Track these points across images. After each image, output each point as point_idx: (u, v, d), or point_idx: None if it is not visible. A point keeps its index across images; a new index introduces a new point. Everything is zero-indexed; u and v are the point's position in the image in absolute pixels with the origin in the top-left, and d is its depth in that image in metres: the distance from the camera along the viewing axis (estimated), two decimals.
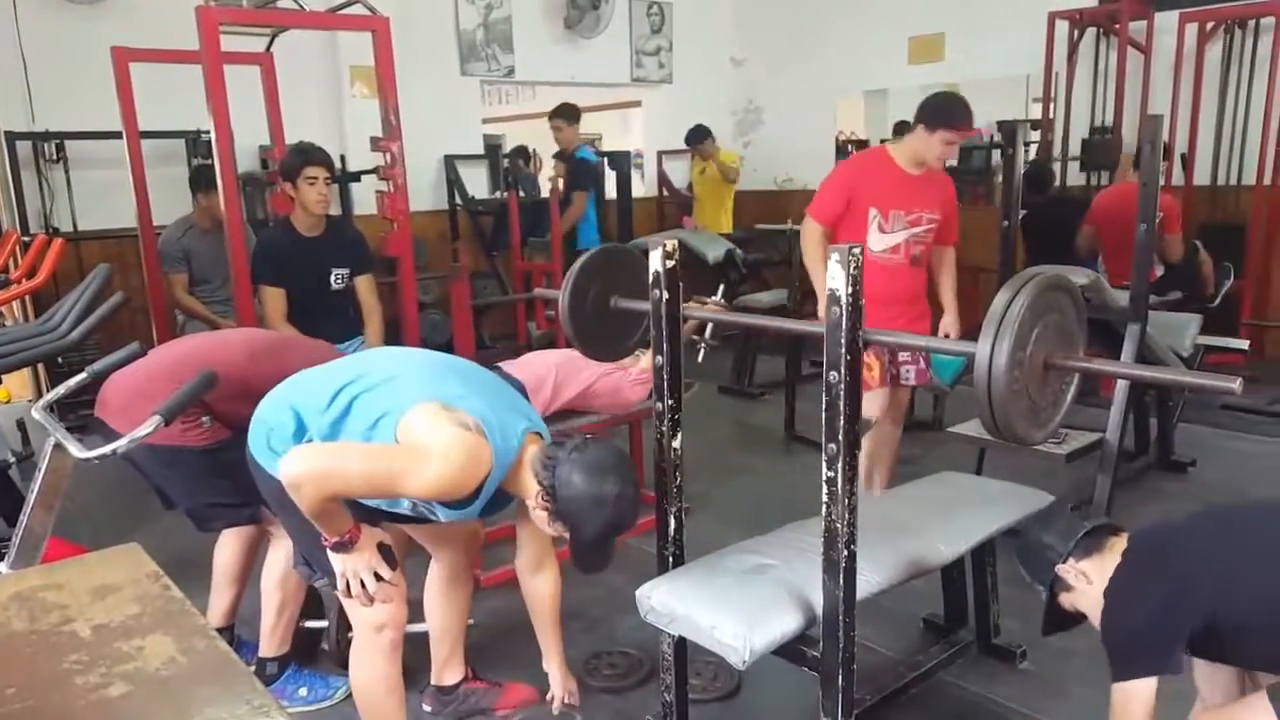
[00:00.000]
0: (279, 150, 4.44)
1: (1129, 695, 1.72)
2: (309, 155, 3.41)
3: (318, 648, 2.70)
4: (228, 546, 2.56)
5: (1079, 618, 1.93)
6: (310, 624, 2.68)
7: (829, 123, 8.06)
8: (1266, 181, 5.51)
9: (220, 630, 2.58)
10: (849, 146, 8.73)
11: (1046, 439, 1.56)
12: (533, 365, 3.19)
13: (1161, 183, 5.16)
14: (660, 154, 8.01)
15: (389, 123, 3.71)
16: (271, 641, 2.47)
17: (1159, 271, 4.82)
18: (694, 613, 1.90)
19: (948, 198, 3.30)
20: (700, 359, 4.30)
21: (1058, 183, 6.14)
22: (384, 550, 1.95)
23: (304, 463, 1.75)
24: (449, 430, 1.72)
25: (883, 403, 3.19)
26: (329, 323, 3.51)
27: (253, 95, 4.46)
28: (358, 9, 3.96)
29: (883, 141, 5.83)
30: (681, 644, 2.11)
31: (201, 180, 4.47)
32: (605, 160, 6.87)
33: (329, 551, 1.89)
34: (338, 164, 5.71)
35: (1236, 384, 1.28)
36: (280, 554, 2.40)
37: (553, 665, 2.25)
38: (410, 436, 1.76)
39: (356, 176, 5.79)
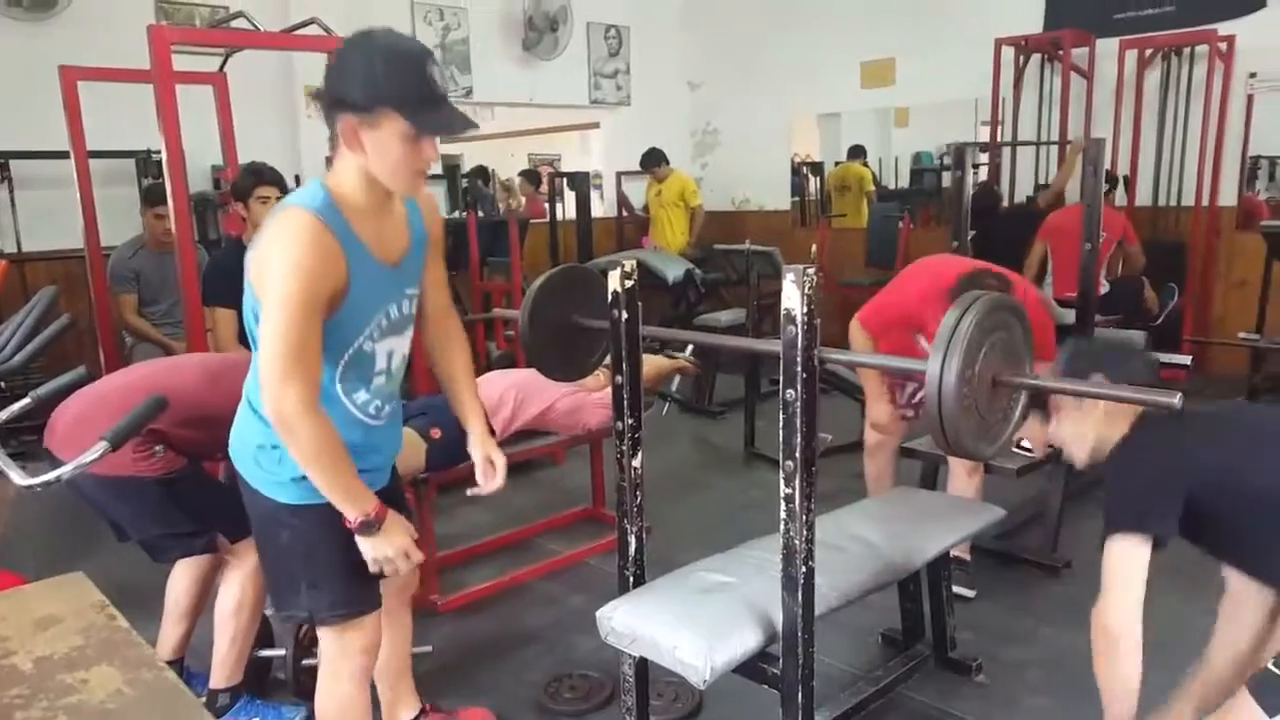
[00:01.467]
0: (232, 170, 4.39)
1: (1120, 553, 1.75)
2: (261, 175, 3.38)
3: (269, 677, 2.65)
4: (181, 578, 2.51)
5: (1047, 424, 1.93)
6: (265, 653, 2.63)
7: (784, 145, 8.19)
8: (1205, 203, 5.69)
9: (170, 663, 2.52)
10: (804, 169, 8.88)
11: (997, 453, 1.59)
12: (492, 385, 3.19)
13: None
14: (619, 175, 8.07)
15: None
16: (223, 672, 2.41)
17: (1104, 288, 4.98)
18: (655, 633, 1.90)
19: None
20: (664, 413, 4.32)
21: (1006, 203, 6.31)
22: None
23: (269, 384, 1.61)
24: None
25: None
26: None
27: (206, 114, 4.41)
28: (313, 29, 3.95)
29: None
30: (643, 665, 2.11)
31: (151, 200, 4.41)
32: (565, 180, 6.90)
33: (357, 537, 1.72)
34: (292, 184, 5.67)
35: (1176, 399, 1.32)
36: (235, 584, 2.36)
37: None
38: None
39: None
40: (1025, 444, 3.09)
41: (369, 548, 1.73)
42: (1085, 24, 5.92)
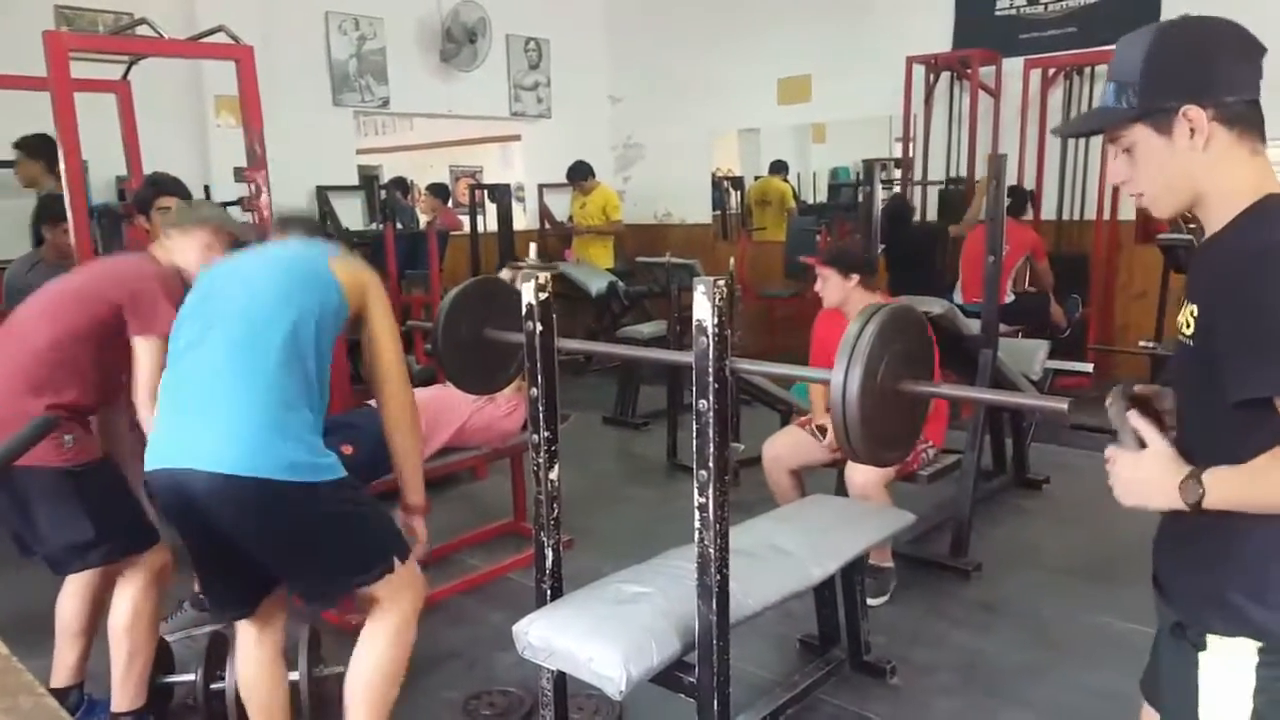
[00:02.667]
0: (136, 181, 4.24)
1: None
2: (162, 186, 3.28)
3: (170, 703, 2.55)
4: (71, 596, 2.40)
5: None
6: (170, 679, 2.54)
7: (705, 159, 8.29)
8: (1106, 217, 5.95)
9: (69, 688, 2.41)
10: (725, 183, 9.00)
11: (900, 460, 1.63)
12: None
13: (1021, 218, 5.59)
14: (541, 187, 8.05)
15: (254, 153, 3.61)
16: (124, 694, 2.32)
17: (1009, 299, 5.18)
18: (571, 646, 1.89)
19: None
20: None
21: (917, 218, 6.50)
22: None
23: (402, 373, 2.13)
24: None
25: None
26: None
27: (111, 124, 4.26)
28: (220, 37, 3.85)
29: None
30: (561, 678, 2.10)
31: (49, 213, 4.23)
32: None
33: (410, 521, 2.19)
34: (201, 195, 5.50)
35: (1065, 405, 1.38)
36: (127, 598, 2.27)
37: None
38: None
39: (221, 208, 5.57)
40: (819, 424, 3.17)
41: (423, 528, 2.21)
42: (992, 44, 6.15)
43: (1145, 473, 1.24)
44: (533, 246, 4.28)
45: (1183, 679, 1.29)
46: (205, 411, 1.89)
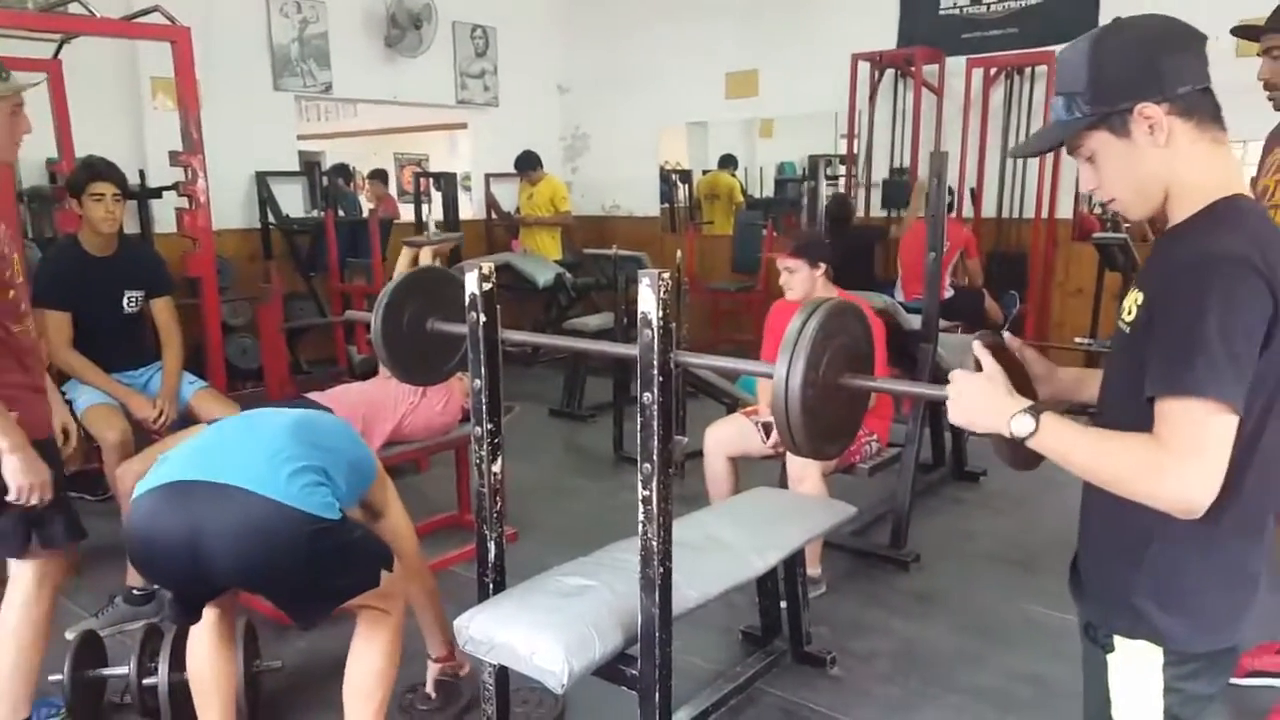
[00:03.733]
0: (67, 164, 4.10)
1: (1201, 422, 1.12)
2: (95, 170, 3.16)
3: (102, 698, 2.49)
4: None
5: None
6: (104, 672, 2.47)
7: (654, 152, 8.29)
8: (1044, 215, 6.09)
9: None
10: (673, 176, 9.01)
11: (840, 453, 1.65)
12: (339, 405, 3.06)
13: (954, 215, 5.71)
14: (488, 176, 7.97)
15: (190, 136, 3.52)
16: (7, 703, 2.21)
17: (948, 294, 5.28)
18: (513, 639, 1.88)
19: None
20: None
21: (861, 213, 6.59)
22: None
23: None
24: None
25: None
26: (120, 349, 3.27)
27: (40, 104, 4.11)
28: (156, 17, 3.74)
29: None
30: (503, 672, 2.08)
31: None
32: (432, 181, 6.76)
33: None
34: (136, 179, 5.35)
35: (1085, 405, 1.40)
36: (14, 605, 2.19)
37: None
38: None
39: (156, 193, 5.42)
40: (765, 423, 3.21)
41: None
42: (936, 42, 6.24)
43: (977, 390, 1.28)
44: (432, 221, 4.17)
45: (1096, 680, 1.33)
46: (243, 445, 1.97)
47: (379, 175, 8.54)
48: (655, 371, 1.77)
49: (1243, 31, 2.28)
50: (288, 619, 2.17)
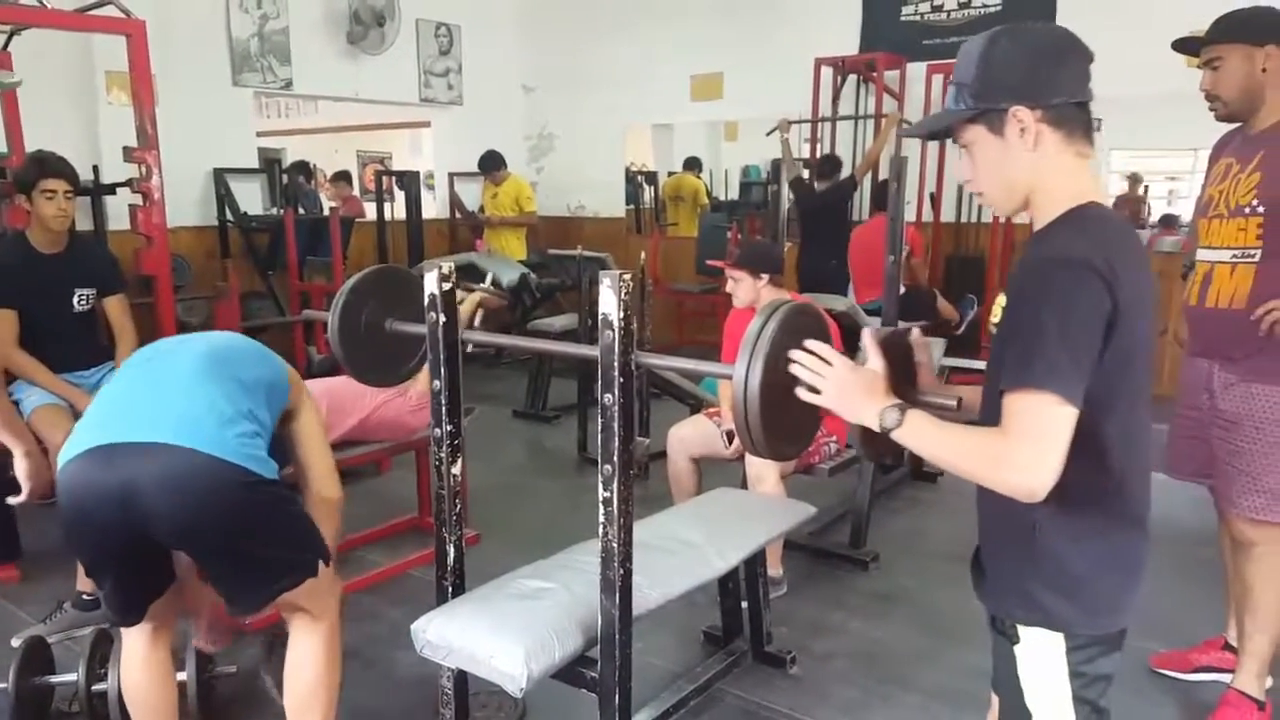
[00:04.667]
0: (17, 159, 4.00)
1: (1038, 414, 1.18)
2: (45, 166, 3.09)
3: (50, 705, 2.43)
4: None
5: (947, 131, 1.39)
6: (54, 679, 2.42)
7: (619, 153, 8.29)
8: (1002, 219, 6.17)
9: None
10: (639, 177, 9.03)
11: (798, 454, 1.66)
12: None
13: (913, 219, 5.78)
14: (452, 175, 7.92)
15: (145, 132, 3.45)
16: None
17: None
18: (471, 644, 1.87)
19: None
20: (468, 350, 4.22)
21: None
22: None
23: None
24: None
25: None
26: (71, 348, 3.19)
27: None
28: (110, 10, 3.66)
29: None
30: (462, 676, 2.07)
31: None
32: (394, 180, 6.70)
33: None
34: (90, 175, 5.24)
35: (954, 402, 1.43)
36: None
37: None
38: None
39: (110, 189, 5.32)
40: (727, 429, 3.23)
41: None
42: (897, 48, 6.31)
43: (858, 381, 1.35)
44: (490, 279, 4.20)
45: (1007, 671, 1.38)
46: (166, 398, 1.87)
47: (343, 176, 8.46)
48: (616, 373, 1.77)
49: (1182, 45, 2.31)
50: (228, 615, 2.12)
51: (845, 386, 1.36)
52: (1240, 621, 2.40)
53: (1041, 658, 1.34)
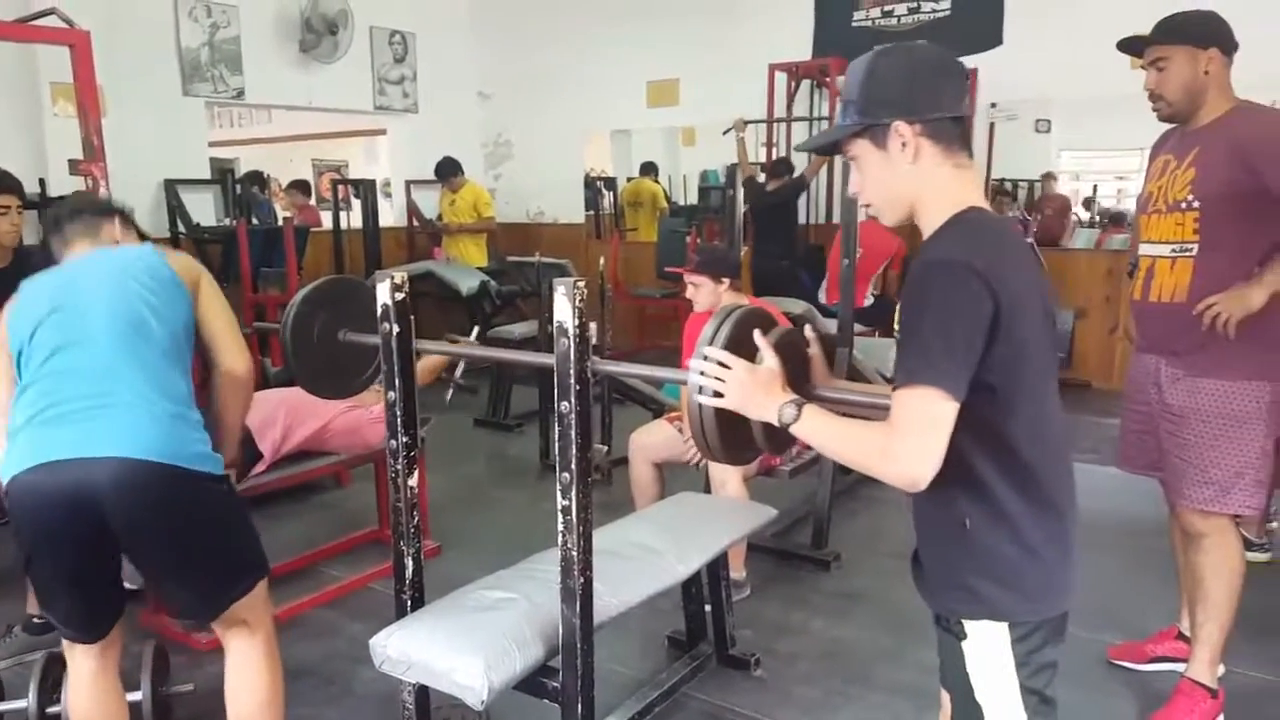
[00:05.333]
0: None
1: (917, 407, 1.24)
2: None
3: None
4: None
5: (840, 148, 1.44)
6: (3, 706, 2.35)
7: (578, 159, 8.28)
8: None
9: None
10: (598, 183, 9.02)
11: (754, 459, 1.67)
12: (261, 404, 2.99)
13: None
14: (409, 183, 7.86)
15: (91, 144, 3.37)
16: None
17: (868, 301, 5.39)
18: (430, 657, 1.85)
19: None
20: (449, 398, 4.26)
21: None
22: None
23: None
24: None
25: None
26: None
27: None
28: (52, 20, 3.58)
29: None
30: (422, 691, 2.04)
31: None
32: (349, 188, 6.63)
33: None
34: (37, 189, 5.13)
35: (848, 395, 1.48)
36: None
37: None
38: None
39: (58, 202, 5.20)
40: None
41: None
42: (849, 53, 6.26)
43: (751, 379, 1.40)
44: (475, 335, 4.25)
45: (955, 667, 1.42)
46: (102, 403, 1.81)
47: (299, 185, 8.35)
48: (572, 380, 1.77)
49: (1126, 45, 2.36)
50: (181, 629, 2.08)
51: (745, 387, 1.40)
52: (1192, 611, 2.45)
53: (988, 650, 1.37)
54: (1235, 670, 2.55)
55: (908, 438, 1.25)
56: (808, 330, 1.61)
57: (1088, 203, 8.23)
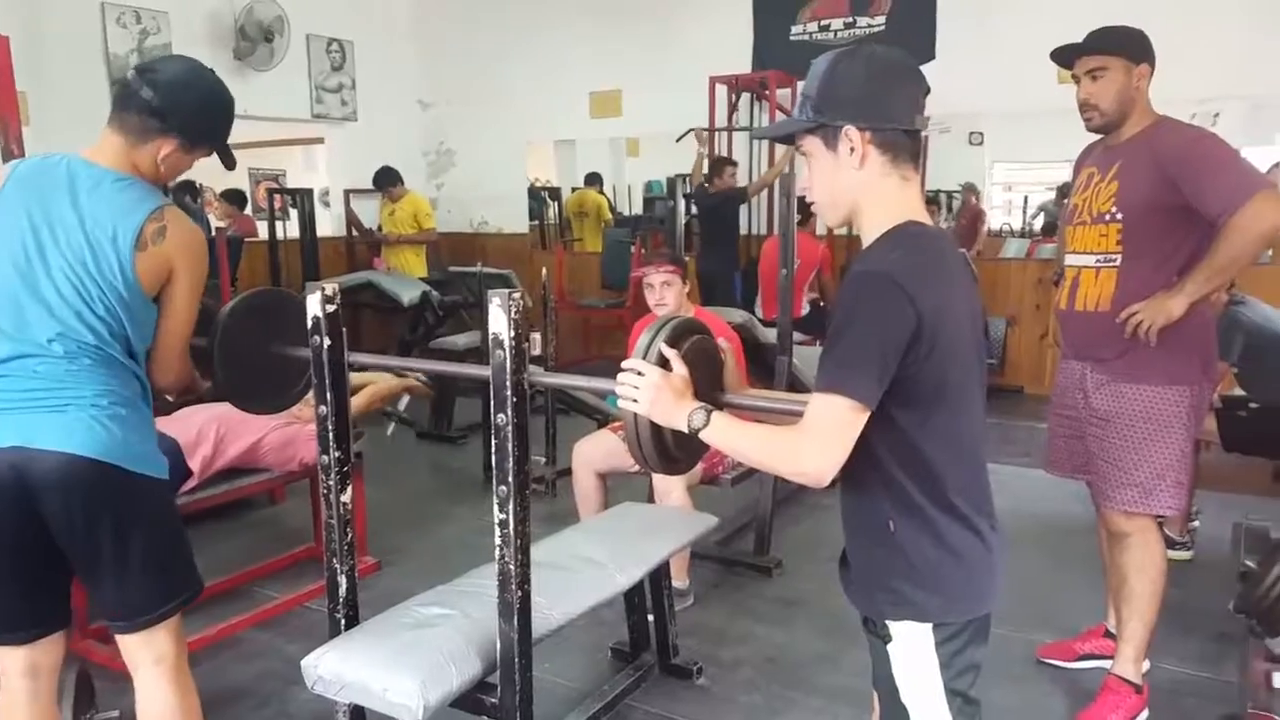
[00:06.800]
0: None
1: (827, 413, 1.29)
2: None
3: None
4: None
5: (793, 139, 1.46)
6: None
7: (521, 169, 8.25)
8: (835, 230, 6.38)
9: None
10: (542, 193, 9.00)
11: (689, 468, 1.68)
12: (190, 420, 2.93)
13: (810, 232, 5.91)
14: (347, 192, 7.75)
15: (10, 153, 3.28)
16: None
17: (805, 310, 5.47)
18: (364, 677, 1.81)
19: None
20: (389, 432, 4.19)
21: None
22: None
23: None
24: None
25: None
26: None
27: None
28: None
29: None
30: (358, 712, 2.01)
31: None
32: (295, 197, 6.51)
33: None
34: None
35: (756, 402, 1.50)
36: None
37: None
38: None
39: None
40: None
41: None
42: (788, 66, 6.44)
43: (663, 386, 1.43)
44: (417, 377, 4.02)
45: (883, 670, 1.44)
46: (43, 393, 1.71)
47: (233, 196, 8.18)
48: (509, 393, 1.76)
49: (1059, 54, 2.41)
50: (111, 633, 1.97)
51: (657, 394, 1.43)
52: (1117, 609, 2.52)
53: (912, 652, 1.40)
54: (1159, 665, 2.63)
55: (815, 440, 1.29)
56: (720, 341, 1.63)
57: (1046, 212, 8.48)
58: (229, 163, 2.01)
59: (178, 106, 1.83)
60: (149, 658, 1.85)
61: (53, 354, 1.72)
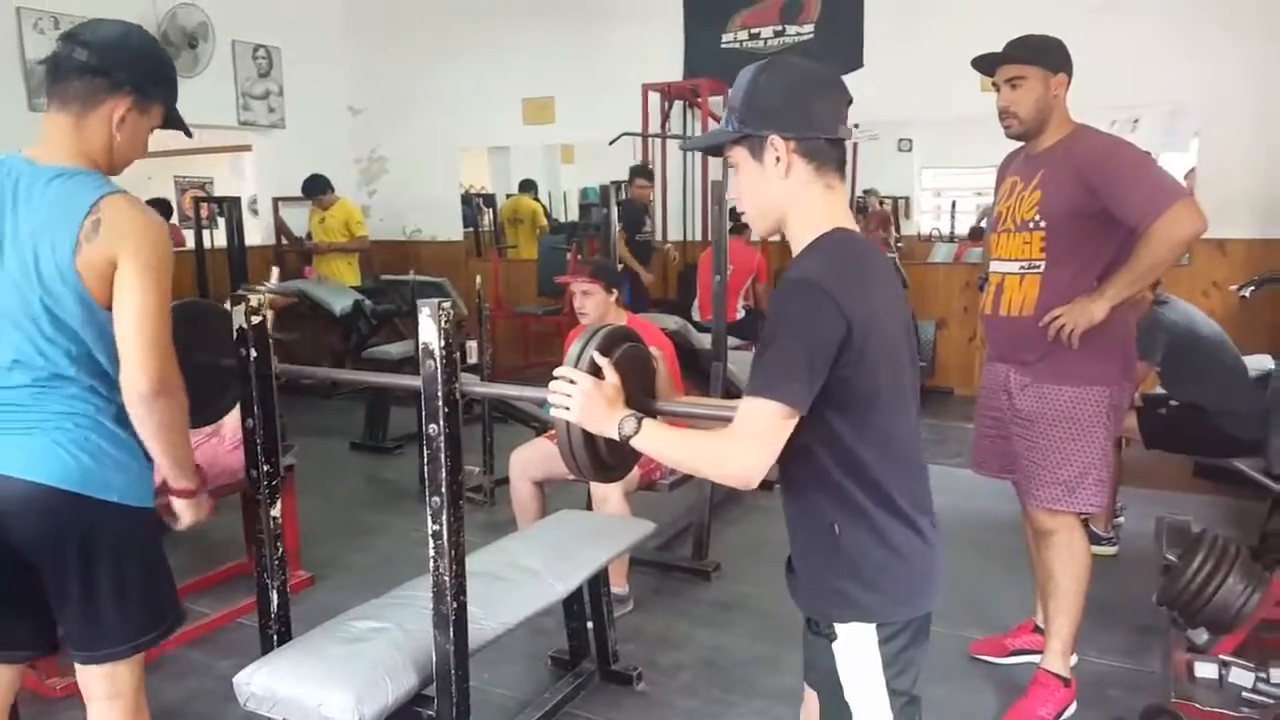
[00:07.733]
0: None
1: (755, 416, 1.31)
2: None
3: None
4: None
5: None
6: None
7: (455, 175, 8.18)
8: (762, 239, 6.49)
9: None
10: (477, 200, 8.93)
11: (625, 475, 1.68)
12: None
13: (746, 240, 5.98)
14: (276, 200, 7.59)
15: None
16: None
17: (740, 314, 5.53)
18: (297, 692, 1.78)
19: None
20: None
21: (659, 235, 6.81)
22: None
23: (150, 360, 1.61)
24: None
25: None
26: None
27: None
28: None
29: None
30: None
31: None
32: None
33: (178, 503, 1.79)
34: None
35: (686, 409, 1.52)
36: None
37: None
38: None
39: None
40: None
41: (190, 514, 1.82)
42: (719, 74, 6.50)
43: (594, 393, 1.44)
44: (275, 272, 3.87)
45: (825, 669, 1.47)
46: (5, 418, 1.63)
47: (157, 204, 7.95)
48: (440, 403, 1.74)
49: (980, 62, 2.48)
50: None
51: (588, 402, 1.44)
52: (1045, 605, 2.59)
53: (857, 651, 1.42)
54: (1085, 658, 2.72)
55: (743, 443, 1.32)
56: (653, 350, 1.65)
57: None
58: (185, 128, 1.86)
59: (119, 59, 1.67)
60: (106, 691, 1.75)
61: (13, 381, 1.63)
